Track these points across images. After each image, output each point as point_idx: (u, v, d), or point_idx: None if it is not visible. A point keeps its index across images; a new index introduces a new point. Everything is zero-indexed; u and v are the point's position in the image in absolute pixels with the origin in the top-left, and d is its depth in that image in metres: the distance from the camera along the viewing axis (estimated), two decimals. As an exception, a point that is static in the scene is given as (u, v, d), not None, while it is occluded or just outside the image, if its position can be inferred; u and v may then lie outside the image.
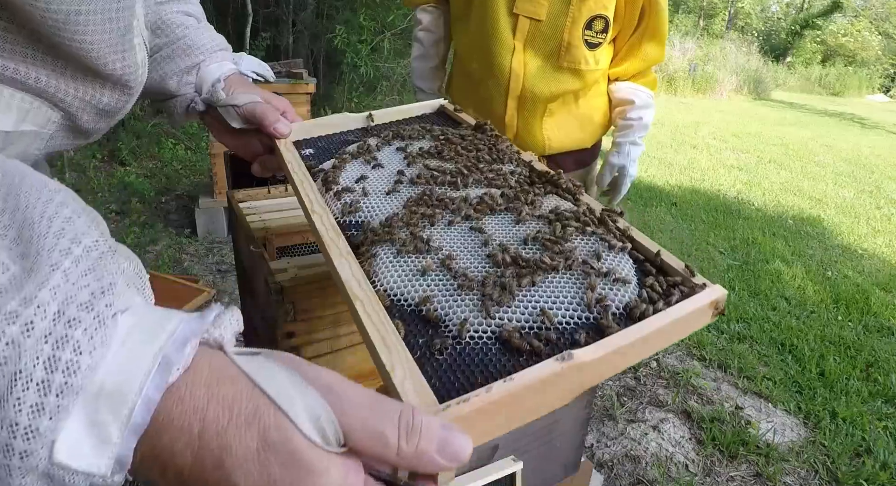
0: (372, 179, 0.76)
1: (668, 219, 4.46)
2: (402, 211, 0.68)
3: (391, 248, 0.61)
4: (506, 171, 0.77)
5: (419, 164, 0.79)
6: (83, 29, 0.55)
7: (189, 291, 2.62)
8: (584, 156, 1.71)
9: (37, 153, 0.63)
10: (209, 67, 0.86)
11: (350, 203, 0.70)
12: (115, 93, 0.66)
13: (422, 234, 0.63)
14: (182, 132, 5.04)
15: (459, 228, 0.65)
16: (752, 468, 1.95)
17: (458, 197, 0.70)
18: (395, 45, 6.46)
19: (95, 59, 0.59)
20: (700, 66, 13.66)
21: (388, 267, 0.59)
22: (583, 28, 1.45)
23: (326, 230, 0.64)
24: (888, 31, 26.86)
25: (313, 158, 0.86)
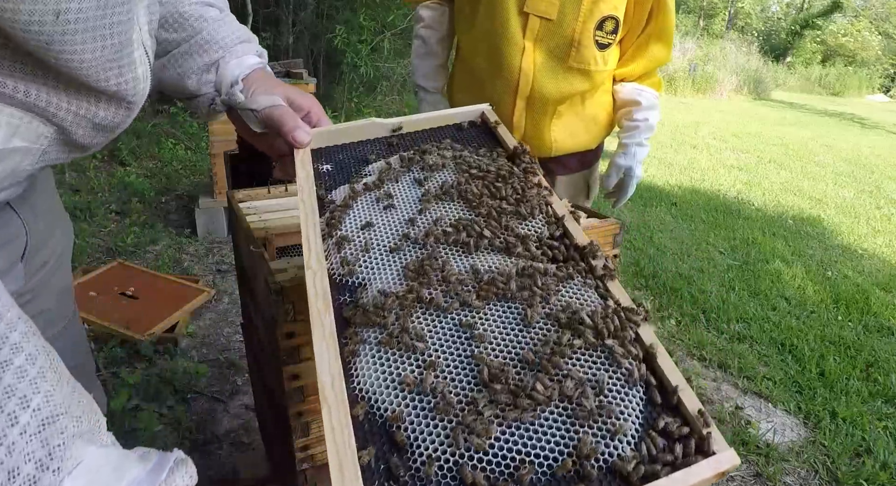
0: (378, 229, 0.73)
1: (668, 219, 4.46)
2: (399, 289, 0.63)
3: (378, 335, 0.59)
4: (529, 233, 0.70)
5: (433, 209, 0.74)
6: (70, 48, 0.53)
7: (189, 291, 2.62)
8: (588, 157, 1.70)
9: (29, 169, 0.61)
10: (229, 65, 0.81)
11: (349, 261, 0.67)
12: (111, 108, 0.64)
13: (411, 326, 0.59)
14: (182, 132, 5.04)
15: (455, 319, 0.60)
16: (752, 468, 1.95)
17: (466, 271, 0.65)
18: (396, 45, 6.46)
19: (87, 77, 0.57)
20: (700, 66, 13.66)
21: (369, 365, 0.57)
22: (594, 28, 1.44)
23: (316, 297, 0.61)
24: (888, 31, 26.86)
25: (329, 177, 0.82)
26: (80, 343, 0.93)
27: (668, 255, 3.71)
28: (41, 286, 0.81)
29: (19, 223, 0.72)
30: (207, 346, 2.39)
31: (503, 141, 0.87)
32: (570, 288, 0.64)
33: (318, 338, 0.57)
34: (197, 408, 2.03)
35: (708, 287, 3.26)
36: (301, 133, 0.80)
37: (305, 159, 0.81)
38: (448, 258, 0.67)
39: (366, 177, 0.82)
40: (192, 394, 2.09)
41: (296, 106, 0.83)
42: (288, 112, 0.80)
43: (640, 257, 3.63)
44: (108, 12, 0.55)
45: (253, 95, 0.80)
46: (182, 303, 2.51)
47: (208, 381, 2.17)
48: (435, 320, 0.61)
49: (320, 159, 0.85)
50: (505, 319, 0.61)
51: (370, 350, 0.58)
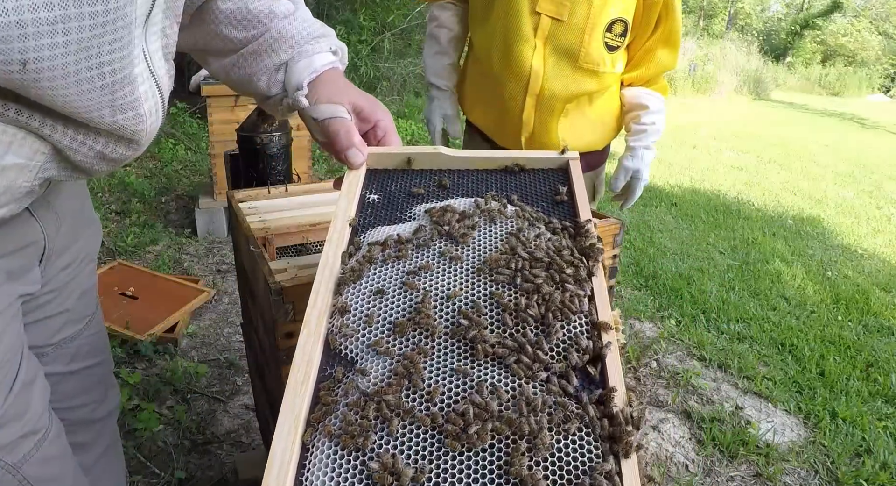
0: (389, 299, 0.66)
1: (668, 219, 4.46)
2: (380, 392, 0.57)
3: (340, 440, 0.54)
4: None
5: (454, 291, 0.67)
6: (49, 93, 0.49)
7: (189, 291, 2.62)
8: (596, 158, 1.73)
9: (27, 185, 0.58)
10: (297, 65, 0.76)
11: (347, 333, 0.63)
12: (111, 143, 0.60)
13: (374, 446, 0.53)
14: (182, 132, 5.04)
15: (426, 445, 0.54)
16: (752, 468, 1.95)
17: (455, 387, 0.58)
18: (395, 45, 6.46)
19: (77, 116, 0.53)
20: (700, 67, 13.66)
21: (323, 465, 0.53)
22: (603, 30, 1.47)
23: (299, 367, 0.58)
24: (888, 31, 26.85)
25: (372, 210, 0.77)
26: (100, 342, 0.94)
27: (668, 255, 3.71)
28: (62, 287, 0.81)
29: (38, 228, 0.72)
30: (207, 346, 2.39)
31: (578, 201, 0.79)
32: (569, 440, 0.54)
33: (286, 415, 0.55)
34: (197, 408, 2.03)
35: (708, 287, 3.26)
36: (354, 155, 0.75)
37: (353, 185, 0.76)
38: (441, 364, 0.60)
39: (411, 220, 0.76)
40: (192, 394, 2.09)
41: (362, 117, 0.78)
42: (345, 127, 0.75)
43: (640, 257, 3.63)
44: (94, 53, 0.50)
45: (317, 101, 0.75)
46: (182, 303, 2.51)
47: (208, 381, 2.17)
48: (406, 438, 0.55)
49: (371, 185, 0.79)
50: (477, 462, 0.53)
51: (329, 450, 0.54)
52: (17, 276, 0.70)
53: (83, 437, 0.92)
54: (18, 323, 0.71)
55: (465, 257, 0.71)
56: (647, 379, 2.40)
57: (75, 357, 0.87)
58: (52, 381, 0.84)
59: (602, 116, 1.64)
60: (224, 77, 0.81)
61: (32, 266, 0.73)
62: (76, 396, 0.89)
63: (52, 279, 0.79)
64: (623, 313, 2.92)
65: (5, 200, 0.58)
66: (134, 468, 1.73)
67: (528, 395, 0.57)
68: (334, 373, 0.60)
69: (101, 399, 0.94)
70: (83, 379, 0.90)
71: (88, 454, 0.93)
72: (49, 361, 0.83)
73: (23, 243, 0.70)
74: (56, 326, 0.82)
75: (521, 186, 0.83)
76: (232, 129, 3.00)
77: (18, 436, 0.69)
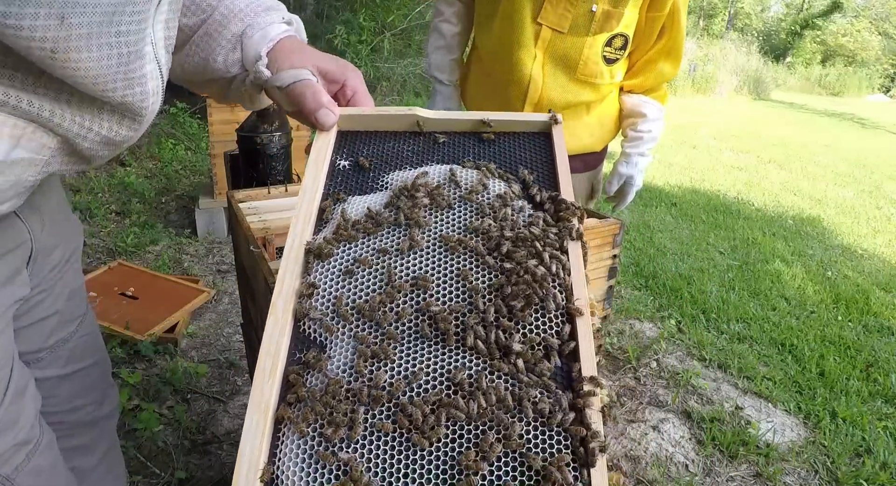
0: (359, 280, 0.65)
1: (668, 219, 4.46)
2: (350, 379, 0.57)
3: (313, 432, 0.54)
4: (522, 350, 0.58)
5: (426, 270, 0.64)
6: (75, 56, 0.51)
7: (189, 291, 2.62)
8: (593, 159, 1.74)
9: (32, 180, 0.59)
10: (252, 39, 0.72)
11: (315, 316, 0.61)
12: (115, 121, 0.61)
13: (337, 435, 0.53)
14: (182, 132, 5.04)
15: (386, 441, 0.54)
16: (752, 468, 1.95)
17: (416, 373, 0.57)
18: (395, 45, 6.46)
19: (92, 86, 0.54)
20: (700, 67, 13.66)
21: (294, 454, 0.53)
22: (603, 44, 1.47)
23: (267, 355, 0.57)
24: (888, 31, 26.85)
25: (344, 178, 0.73)
26: (94, 342, 0.93)
27: (668, 255, 3.71)
28: (51, 288, 0.81)
29: (24, 230, 0.72)
30: (207, 346, 2.39)
31: (558, 174, 0.76)
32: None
33: (254, 406, 0.54)
34: (197, 408, 2.03)
35: (708, 287, 3.26)
36: (324, 114, 0.71)
37: (322, 152, 0.72)
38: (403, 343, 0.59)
39: (384, 189, 0.73)
40: (192, 394, 2.09)
41: (329, 78, 0.74)
42: (312, 88, 0.71)
43: (640, 257, 3.63)
44: (117, 20, 0.53)
45: (279, 69, 0.71)
46: (182, 303, 2.51)
47: (208, 381, 2.17)
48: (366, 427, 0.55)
49: (342, 151, 0.76)
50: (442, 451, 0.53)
51: (300, 441, 0.54)
52: (12, 279, 0.70)
53: (83, 439, 0.92)
54: (10, 331, 0.70)
55: (436, 232, 0.68)
56: (647, 379, 2.40)
57: (71, 359, 0.86)
58: (50, 384, 0.84)
59: (600, 119, 1.65)
60: (180, 72, 0.77)
61: (22, 268, 0.72)
62: (75, 398, 0.89)
63: (41, 281, 0.78)
64: (623, 314, 2.92)
65: (11, 194, 0.58)
66: (134, 468, 1.73)
67: (496, 385, 0.56)
68: (304, 357, 0.59)
69: (99, 400, 0.94)
70: (81, 380, 0.89)
71: (89, 457, 0.93)
72: (45, 364, 0.83)
73: (13, 245, 0.69)
74: (49, 328, 0.81)
75: (500, 152, 0.78)
76: (232, 129, 3.00)
77: (10, 446, 0.69)
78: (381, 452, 0.53)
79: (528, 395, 0.55)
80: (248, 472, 0.51)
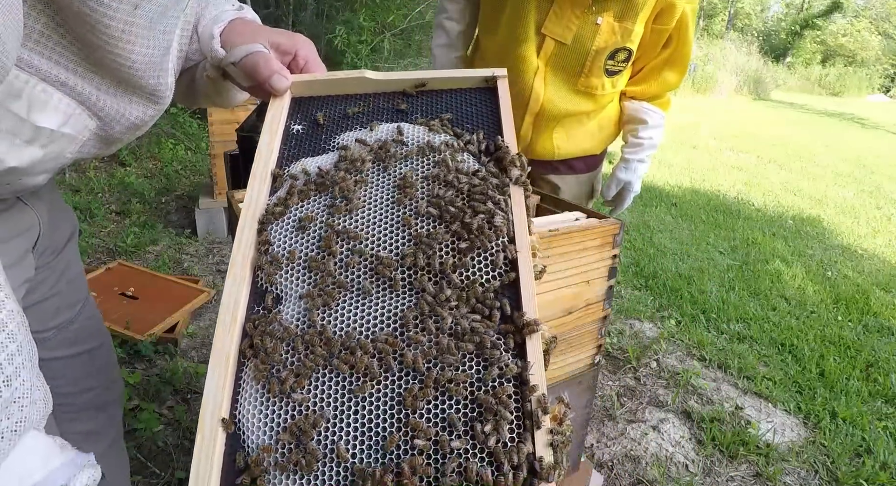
0: (311, 233, 0.67)
1: (668, 219, 4.46)
2: (301, 330, 0.60)
3: (266, 371, 0.57)
4: (461, 280, 0.61)
5: (371, 218, 0.67)
6: (133, 39, 0.59)
7: (189, 291, 2.62)
8: (593, 160, 1.74)
9: (69, 157, 0.66)
10: (205, 24, 0.75)
11: (270, 270, 0.64)
12: (142, 106, 0.69)
13: (294, 387, 0.56)
14: (182, 133, 5.04)
15: (345, 385, 0.57)
16: (752, 468, 1.95)
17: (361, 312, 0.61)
18: (395, 45, 6.46)
19: (134, 74, 0.63)
20: (700, 67, 13.67)
21: (251, 394, 0.57)
22: (606, 58, 1.46)
23: (226, 310, 0.61)
24: (888, 31, 26.85)
25: (297, 142, 0.76)
26: (97, 326, 0.97)
27: (668, 255, 3.71)
28: (52, 271, 0.86)
29: (33, 215, 0.76)
30: (207, 346, 2.39)
31: (502, 126, 0.78)
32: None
33: (216, 357, 0.57)
34: (197, 408, 2.03)
35: (708, 287, 3.26)
36: (277, 79, 0.74)
37: (277, 117, 0.75)
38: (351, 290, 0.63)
39: (335, 151, 0.75)
40: (192, 394, 2.09)
41: (282, 50, 0.77)
42: (264, 58, 0.73)
43: (640, 257, 3.63)
44: (166, 15, 0.62)
45: (232, 47, 0.74)
46: (182, 303, 2.51)
47: (208, 381, 2.17)
48: (323, 378, 0.58)
49: (296, 115, 0.78)
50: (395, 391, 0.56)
51: (258, 386, 0.57)
52: (21, 260, 0.75)
53: (91, 425, 0.94)
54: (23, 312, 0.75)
55: (382, 187, 0.71)
56: (647, 379, 2.40)
57: (77, 340, 0.90)
58: (60, 364, 0.87)
59: (600, 125, 1.65)
60: None
61: (28, 252, 0.77)
62: (83, 379, 0.92)
63: (44, 263, 0.83)
64: (623, 314, 2.92)
65: (51, 166, 0.65)
66: (134, 468, 1.73)
67: (440, 324, 0.59)
68: (261, 309, 0.62)
69: (107, 384, 0.97)
70: (89, 362, 0.93)
71: (97, 445, 0.95)
72: (54, 345, 0.86)
73: (23, 229, 0.75)
74: (52, 308, 0.85)
75: (447, 109, 0.80)
76: (232, 129, 3.00)
77: None
78: (332, 392, 0.56)
79: (470, 332, 0.58)
80: (212, 413, 0.54)
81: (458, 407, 0.54)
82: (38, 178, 0.66)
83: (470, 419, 0.54)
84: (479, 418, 0.53)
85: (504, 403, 0.53)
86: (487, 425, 0.52)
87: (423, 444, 0.52)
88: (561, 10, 1.41)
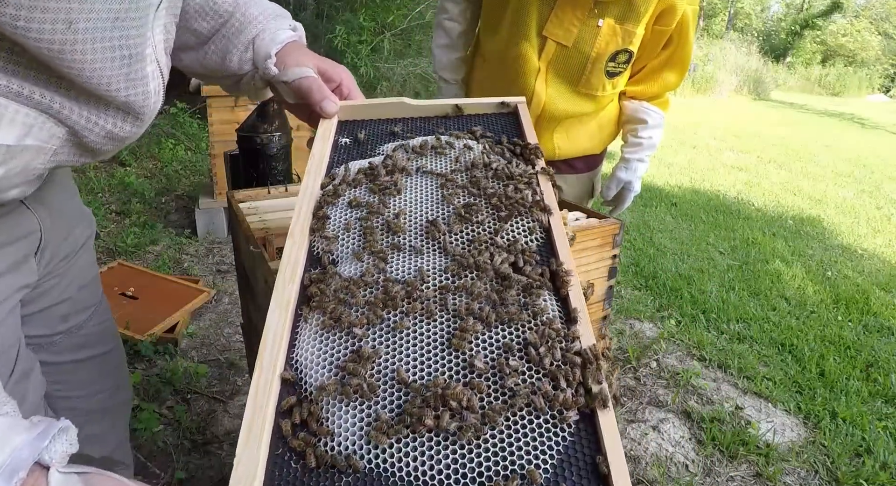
0: (364, 209, 0.75)
1: (668, 219, 4.46)
2: (361, 276, 0.66)
3: (324, 317, 0.61)
4: (505, 245, 0.70)
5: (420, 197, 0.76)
6: (80, 57, 0.55)
7: (189, 291, 2.62)
8: (594, 160, 1.74)
9: (40, 168, 0.63)
10: (263, 41, 0.84)
11: (329, 237, 0.71)
12: (120, 119, 0.66)
13: (355, 330, 0.60)
14: (182, 133, 5.04)
15: (404, 336, 0.61)
16: (752, 468, 1.95)
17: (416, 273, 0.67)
18: (395, 45, 6.46)
19: (97, 86, 0.59)
20: (700, 67, 13.67)
21: (309, 340, 0.60)
22: (607, 60, 1.46)
23: (286, 265, 0.65)
24: (888, 31, 26.86)
25: (345, 150, 0.86)
26: (109, 331, 0.97)
27: (668, 255, 3.71)
28: (61, 277, 0.85)
29: (34, 220, 0.76)
30: (207, 346, 2.39)
31: (524, 134, 0.89)
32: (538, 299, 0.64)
33: (275, 305, 0.61)
34: (197, 408, 2.03)
35: (708, 287, 3.26)
36: (328, 104, 0.84)
37: (327, 131, 0.85)
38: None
39: (378, 156, 0.85)
40: (192, 394, 2.09)
41: (327, 77, 0.86)
42: (317, 83, 0.83)
43: (640, 257, 3.63)
44: (120, 25, 0.58)
45: (285, 67, 0.83)
46: (182, 303, 2.51)
47: (208, 381, 2.17)
48: (386, 327, 0.62)
49: (343, 132, 0.88)
50: (434, 335, 0.61)
51: (313, 329, 0.61)
52: (19, 265, 0.74)
53: (98, 428, 0.94)
54: (16, 316, 0.74)
55: (424, 176, 0.81)
56: (647, 379, 2.40)
57: (85, 345, 0.90)
58: (66, 369, 0.88)
59: (600, 125, 1.66)
60: (198, 67, 0.87)
61: (29, 257, 0.76)
62: (91, 383, 0.92)
63: (52, 269, 0.83)
64: (623, 314, 2.92)
65: (19, 180, 0.62)
66: (134, 468, 1.73)
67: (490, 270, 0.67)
68: (320, 272, 0.67)
69: (114, 388, 0.97)
70: (96, 366, 0.93)
71: (102, 448, 0.96)
72: (61, 349, 0.86)
73: (22, 234, 0.74)
74: (60, 314, 0.86)
75: (477, 125, 0.91)
76: (232, 129, 3.00)
77: None
78: (390, 332, 0.61)
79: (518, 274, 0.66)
80: (272, 347, 0.57)
81: (512, 337, 0.60)
82: (9, 193, 0.63)
83: (524, 343, 0.59)
84: (532, 345, 0.59)
85: (556, 331, 0.59)
86: (542, 347, 0.58)
87: (482, 365, 0.56)
88: (562, 12, 1.41)
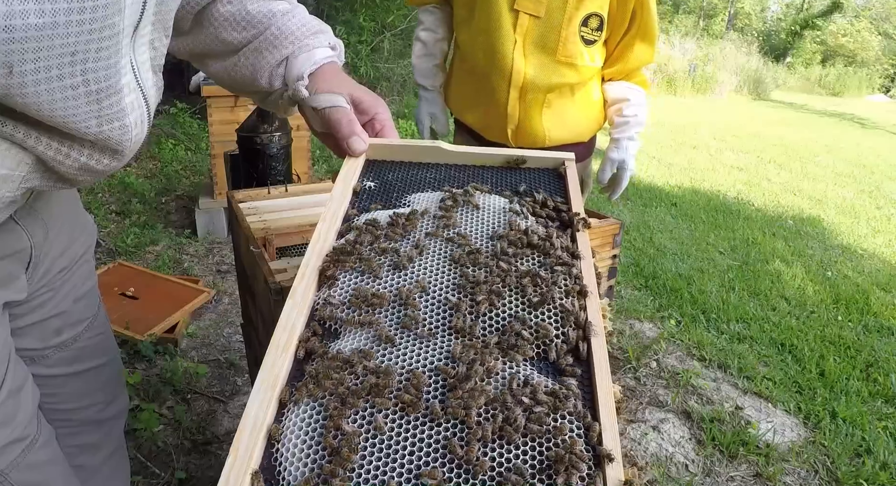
0: (373, 274, 0.67)
1: (668, 219, 4.46)
2: (357, 363, 0.57)
3: (318, 406, 0.54)
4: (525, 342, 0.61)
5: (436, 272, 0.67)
6: (34, 100, 0.49)
7: (189, 291, 2.62)
8: (582, 151, 1.77)
9: (10, 195, 0.57)
10: (298, 59, 0.77)
11: (332, 303, 0.64)
12: (95, 154, 0.60)
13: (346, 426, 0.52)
14: (182, 133, 5.04)
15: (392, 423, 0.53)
16: (752, 468, 1.95)
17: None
18: (395, 45, 6.47)
19: (63, 125, 0.53)
20: (700, 67, 13.66)
21: (297, 426, 0.53)
22: (579, 25, 1.54)
23: (283, 330, 0.59)
24: (888, 32, 26.86)
25: (368, 197, 0.77)
26: (105, 343, 0.93)
27: (668, 255, 3.71)
28: (56, 291, 0.81)
29: (24, 237, 0.72)
30: (207, 346, 2.39)
31: (569, 196, 0.81)
32: None
33: (262, 381, 0.55)
34: (197, 408, 2.03)
35: (708, 287, 3.26)
36: (356, 141, 0.77)
37: (351, 171, 0.77)
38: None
39: (406, 207, 0.76)
40: (192, 394, 2.09)
41: (361, 109, 0.79)
42: (347, 116, 0.76)
43: (640, 257, 3.63)
44: (81, 59, 0.50)
45: (317, 92, 0.76)
46: (182, 303, 2.51)
47: (208, 381, 2.17)
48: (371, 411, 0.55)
49: (369, 174, 0.81)
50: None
51: (303, 414, 0.54)
52: (5, 283, 0.70)
53: (91, 438, 0.92)
54: (5, 330, 0.71)
55: (448, 242, 0.72)
56: (647, 379, 2.40)
57: (79, 358, 0.87)
58: (58, 382, 0.84)
59: (585, 106, 1.70)
60: (225, 77, 0.82)
61: (19, 274, 0.72)
62: (83, 396, 0.89)
63: (46, 282, 0.79)
64: (623, 314, 2.92)
65: None
66: (134, 468, 1.73)
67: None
68: (315, 339, 0.61)
69: (109, 400, 0.94)
70: (90, 380, 0.89)
71: (96, 456, 0.93)
72: (52, 362, 0.83)
73: (9, 252, 0.70)
74: (53, 327, 0.82)
75: (515, 182, 0.83)
76: (232, 129, 3.00)
77: (5, 443, 0.69)
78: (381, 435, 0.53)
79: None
80: (252, 429, 0.52)
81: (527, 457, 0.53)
82: None
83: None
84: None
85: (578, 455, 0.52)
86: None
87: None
88: None
